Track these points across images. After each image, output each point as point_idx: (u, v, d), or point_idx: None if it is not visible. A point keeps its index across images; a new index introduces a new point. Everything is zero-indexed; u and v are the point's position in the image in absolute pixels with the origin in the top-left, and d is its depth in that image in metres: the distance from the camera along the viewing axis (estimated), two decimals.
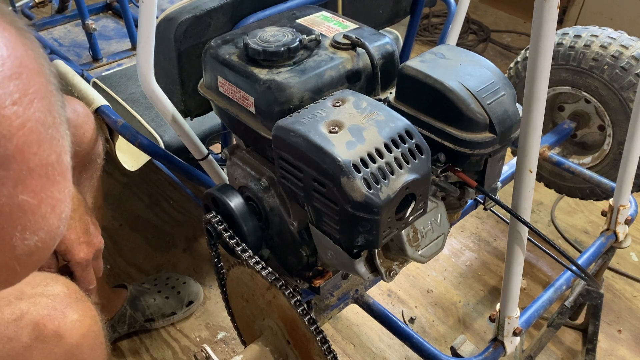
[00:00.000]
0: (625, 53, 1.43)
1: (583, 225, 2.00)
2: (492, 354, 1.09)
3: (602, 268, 1.41)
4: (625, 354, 1.60)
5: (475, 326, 1.67)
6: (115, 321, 1.53)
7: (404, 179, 0.72)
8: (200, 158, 1.22)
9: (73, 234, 1.00)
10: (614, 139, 1.55)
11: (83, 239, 1.01)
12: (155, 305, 1.58)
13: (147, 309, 1.57)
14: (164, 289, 1.63)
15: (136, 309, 1.55)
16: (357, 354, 1.59)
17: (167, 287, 1.64)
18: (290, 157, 0.76)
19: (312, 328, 0.85)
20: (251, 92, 0.86)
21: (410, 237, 0.83)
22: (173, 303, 1.61)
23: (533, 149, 0.81)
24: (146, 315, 1.57)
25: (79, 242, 1.00)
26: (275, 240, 0.97)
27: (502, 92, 0.83)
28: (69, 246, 0.99)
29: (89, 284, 1.02)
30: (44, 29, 2.34)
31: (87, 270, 1.02)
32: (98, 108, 1.54)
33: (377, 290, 1.76)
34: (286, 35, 0.88)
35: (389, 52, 0.92)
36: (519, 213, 0.89)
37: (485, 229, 1.98)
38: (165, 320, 1.60)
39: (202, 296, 1.68)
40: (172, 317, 1.61)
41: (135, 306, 1.55)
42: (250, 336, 1.07)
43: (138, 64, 1.01)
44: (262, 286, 0.93)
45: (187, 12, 1.01)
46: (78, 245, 1.00)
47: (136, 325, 1.56)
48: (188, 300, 1.63)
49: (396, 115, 0.77)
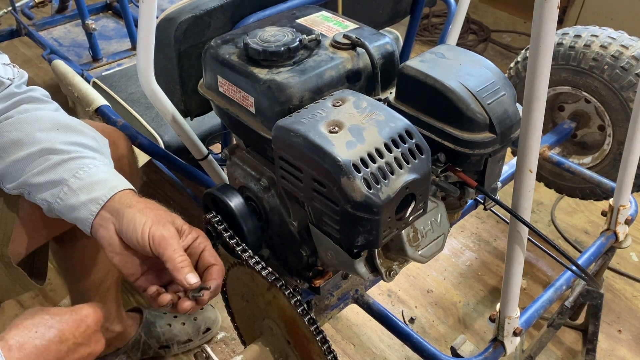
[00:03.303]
0: (625, 53, 1.43)
1: (583, 225, 2.00)
2: (492, 354, 1.09)
3: (602, 268, 1.41)
4: (625, 354, 1.60)
5: (475, 326, 1.67)
6: (128, 347, 1.49)
7: (404, 179, 0.72)
8: (200, 158, 1.22)
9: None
10: (614, 139, 1.55)
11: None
12: (170, 331, 1.53)
13: (163, 336, 1.52)
14: (181, 314, 1.60)
15: (151, 336, 1.51)
16: (357, 354, 1.59)
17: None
18: (290, 157, 0.76)
19: (312, 328, 0.85)
20: (251, 92, 0.86)
21: (410, 237, 0.83)
22: (189, 330, 1.56)
23: (533, 149, 0.81)
24: (161, 342, 1.52)
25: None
26: (275, 240, 0.97)
27: (502, 92, 0.83)
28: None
29: None
30: (44, 29, 2.35)
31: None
32: (98, 108, 1.55)
33: (377, 290, 1.76)
34: (286, 35, 0.88)
35: (389, 52, 0.92)
36: (519, 213, 0.89)
37: (485, 229, 1.98)
38: (181, 347, 1.55)
39: (219, 323, 1.62)
40: (188, 344, 1.56)
41: (150, 332, 1.51)
42: (250, 336, 1.07)
43: (138, 64, 1.01)
44: (262, 286, 0.93)
45: (187, 12, 1.01)
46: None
47: (150, 352, 1.52)
48: (205, 327, 1.58)
49: (396, 115, 0.77)
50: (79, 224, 0.85)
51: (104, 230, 0.83)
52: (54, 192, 0.86)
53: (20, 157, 0.88)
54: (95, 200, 0.83)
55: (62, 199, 0.85)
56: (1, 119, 0.93)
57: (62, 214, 0.86)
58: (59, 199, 0.85)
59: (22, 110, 0.94)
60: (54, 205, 0.86)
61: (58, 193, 0.85)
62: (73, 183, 0.85)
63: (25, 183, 0.88)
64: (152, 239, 0.80)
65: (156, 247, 0.80)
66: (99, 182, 0.85)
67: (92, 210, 0.83)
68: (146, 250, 0.81)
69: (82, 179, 0.85)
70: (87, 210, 0.83)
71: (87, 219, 0.83)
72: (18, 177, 0.89)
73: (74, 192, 0.84)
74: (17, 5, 2.32)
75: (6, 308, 1.67)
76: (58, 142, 0.88)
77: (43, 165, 0.87)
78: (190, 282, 0.79)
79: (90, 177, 0.86)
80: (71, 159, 0.87)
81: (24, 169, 0.88)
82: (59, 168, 0.86)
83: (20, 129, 0.90)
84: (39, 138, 0.89)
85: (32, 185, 0.88)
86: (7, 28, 2.35)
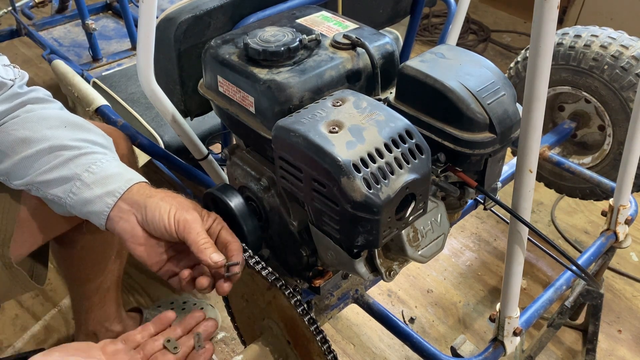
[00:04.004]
0: (625, 53, 1.43)
1: (583, 225, 2.00)
2: (492, 354, 1.09)
3: (602, 268, 1.41)
4: (625, 354, 1.60)
5: (475, 326, 1.67)
6: None
7: (404, 179, 0.72)
8: (200, 158, 1.22)
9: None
10: (614, 139, 1.55)
11: None
12: None
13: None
14: (181, 314, 1.59)
15: None
16: (357, 354, 1.59)
17: (184, 313, 1.59)
18: (290, 157, 0.76)
19: (312, 328, 0.85)
20: (251, 92, 0.86)
21: (410, 237, 0.83)
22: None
23: (533, 149, 0.81)
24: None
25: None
26: (275, 240, 0.97)
27: (502, 92, 0.83)
28: None
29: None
30: (44, 29, 2.35)
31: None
32: (98, 108, 1.55)
33: (377, 290, 1.76)
34: (286, 35, 0.88)
35: (389, 52, 0.92)
36: (519, 213, 0.89)
37: (485, 229, 1.98)
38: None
39: (219, 323, 1.61)
40: None
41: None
42: (250, 336, 1.07)
43: (138, 64, 1.01)
44: (262, 286, 0.93)
45: (187, 12, 1.01)
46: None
47: None
48: None
49: (396, 115, 0.77)
50: (93, 217, 0.85)
51: (124, 223, 0.83)
52: (66, 187, 0.86)
53: (29, 154, 0.88)
54: (111, 193, 0.84)
55: (75, 194, 0.85)
56: (7, 119, 0.93)
57: (75, 208, 0.87)
58: (71, 194, 0.86)
59: (28, 110, 0.94)
60: (66, 200, 0.86)
61: (71, 188, 0.86)
62: (87, 177, 0.85)
63: (35, 180, 0.88)
64: (177, 224, 0.81)
65: (181, 232, 0.81)
66: (113, 175, 0.86)
67: (109, 202, 0.84)
68: (173, 236, 0.82)
69: (95, 173, 0.86)
70: (102, 203, 0.84)
71: (103, 211, 0.84)
72: (26, 174, 0.89)
73: (87, 186, 0.85)
74: (17, 5, 2.32)
75: (6, 308, 1.67)
76: (67, 139, 0.89)
77: (54, 161, 0.87)
78: (216, 261, 0.81)
79: (103, 171, 0.86)
80: (82, 154, 0.88)
81: (33, 166, 0.88)
82: (71, 164, 0.87)
83: (27, 127, 0.90)
84: (47, 135, 0.89)
85: (42, 182, 0.88)
86: (7, 28, 2.35)
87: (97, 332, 1.39)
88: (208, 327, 0.86)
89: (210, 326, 0.86)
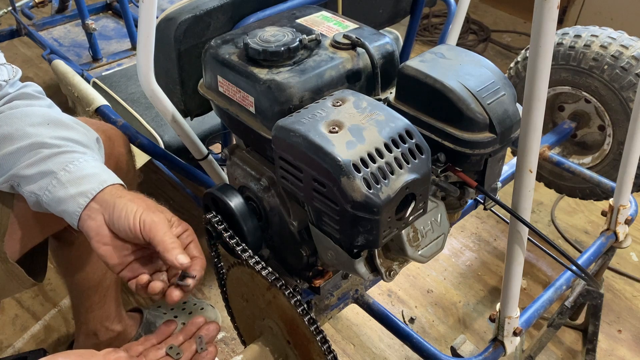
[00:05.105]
0: (625, 53, 1.43)
1: (583, 225, 2.00)
2: (492, 354, 1.09)
3: (602, 268, 1.41)
4: (625, 354, 1.60)
5: (475, 326, 1.67)
6: None
7: (404, 179, 0.72)
8: (200, 158, 1.23)
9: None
10: (614, 139, 1.55)
11: None
12: None
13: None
14: (181, 314, 1.59)
15: None
16: (357, 354, 1.59)
17: (184, 313, 1.60)
18: (290, 157, 0.76)
19: (312, 328, 0.85)
20: (251, 92, 0.86)
21: (410, 237, 0.83)
22: None
23: (533, 149, 0.81)
24: None
25: None
26: (275, 240, 0.97)
27: (502, 92, 0.83)
28: None
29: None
30: (44, 29, 2.35)
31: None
32: (98, 108, 1.55)
33: (377, 290, 1.76)
34: (286, 35, 0.88)
35: (389, 52, 0.92)
36: (519, 213, 0.89)
37: (485, 229, 1.98)
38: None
39: (219, 323, 1.61)
40: None
41: (150, 332, 1.48)
42: (250, 336, 1.07)
43: (138, 64, 1.01)
44: (262, 286, 0.93)
45: (187, 12, 1.01)
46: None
47: None
48: None
49: (396, 115, 0.77)
50: (66, 217, 0.85)
51: (91, 221, 0.83)
52: (42, 184, 0.86)
53: (10, 150, 0.88)
54: (84, 194, 0.84)
55: (51, 192, 0.85)
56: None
57: (50, 206, 0.86)
58: (47, 192, 0.85)
59: (13, 106, 0.94)
60: (42, 197, 0.86)
61: (47, 185, 0.86)
62: (62, 176, 0.85)
63: (15, 175, 0.88)
64: (143, 224, 0.81)
65: (147, 232, 0.81)
66: (89, 176, 0.86)
67: (81, 203, 0.83)
68: (137, 236, 0.81)
69: (71, 172, 0.85)
70: (75, 203, 0.83)
71: (75, 212, 0.84)
72: (7, 171, 0.89)
73: (62, 185, 0.85)
74: (17, 5, 2.32)
75: (6, 308, 1.67)
76: (48, 137, 0.89)
77: (33, 158, 0.87)
78: (182, 262, 0.80)
79: (79, 171, 0.86)
80: (61, 152, 0.87)
81: (14, 163, 0.88)
82: (49, 161, 0.86)
83: (10, 124, 0.90)
84: (29, 132, 0.89)
85: (22, 177, 0.88)
86: (7, 28, 2.35)
87: (98, 332, 1.39)
88: (210, 330, 0.85)
89: (212, 329, 0.86)
